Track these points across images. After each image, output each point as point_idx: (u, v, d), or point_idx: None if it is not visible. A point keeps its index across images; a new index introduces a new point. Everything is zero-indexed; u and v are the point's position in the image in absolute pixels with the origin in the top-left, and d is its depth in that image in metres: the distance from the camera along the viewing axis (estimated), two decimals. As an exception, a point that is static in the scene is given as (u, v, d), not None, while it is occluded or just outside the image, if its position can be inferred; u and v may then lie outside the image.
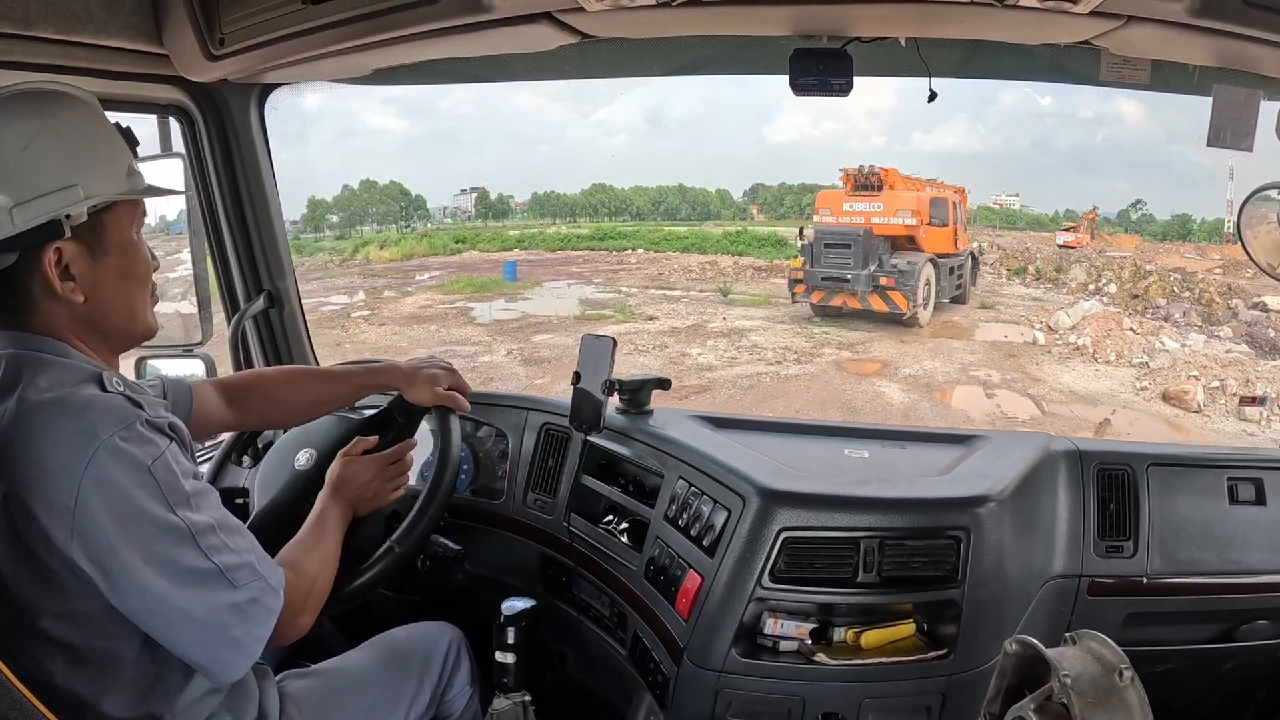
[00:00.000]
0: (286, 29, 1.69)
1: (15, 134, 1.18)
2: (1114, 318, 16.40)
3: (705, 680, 1.64)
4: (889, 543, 1.62)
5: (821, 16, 1.61)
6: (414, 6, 1.55)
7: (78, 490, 1.09)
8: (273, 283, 2.40)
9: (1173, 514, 1.86)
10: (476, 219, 34.04)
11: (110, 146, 1.26)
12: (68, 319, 1.22)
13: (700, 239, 28.34)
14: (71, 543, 1.10)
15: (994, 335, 16.38)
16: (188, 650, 1.19)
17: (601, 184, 36.55)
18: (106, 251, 1.24)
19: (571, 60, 2.01)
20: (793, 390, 13.29)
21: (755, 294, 21.06)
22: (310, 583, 1.38)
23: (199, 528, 1.16)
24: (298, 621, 1.33)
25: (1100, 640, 0.93)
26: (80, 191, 1.19)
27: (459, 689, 1.74)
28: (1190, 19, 1.29)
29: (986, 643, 1.62)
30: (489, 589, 2.10)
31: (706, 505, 1.72)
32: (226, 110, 2.20)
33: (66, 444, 1.10)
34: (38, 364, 1.17)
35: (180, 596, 1.15)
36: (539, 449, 2.13)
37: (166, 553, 1.14)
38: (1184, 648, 1.86)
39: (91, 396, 1.15)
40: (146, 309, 1.32)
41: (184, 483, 1.17)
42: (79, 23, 1.63)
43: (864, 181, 16.88)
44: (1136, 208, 31.23)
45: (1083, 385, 13.77)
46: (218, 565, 1.17)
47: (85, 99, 1.26)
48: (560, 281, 23.01)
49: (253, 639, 1.20)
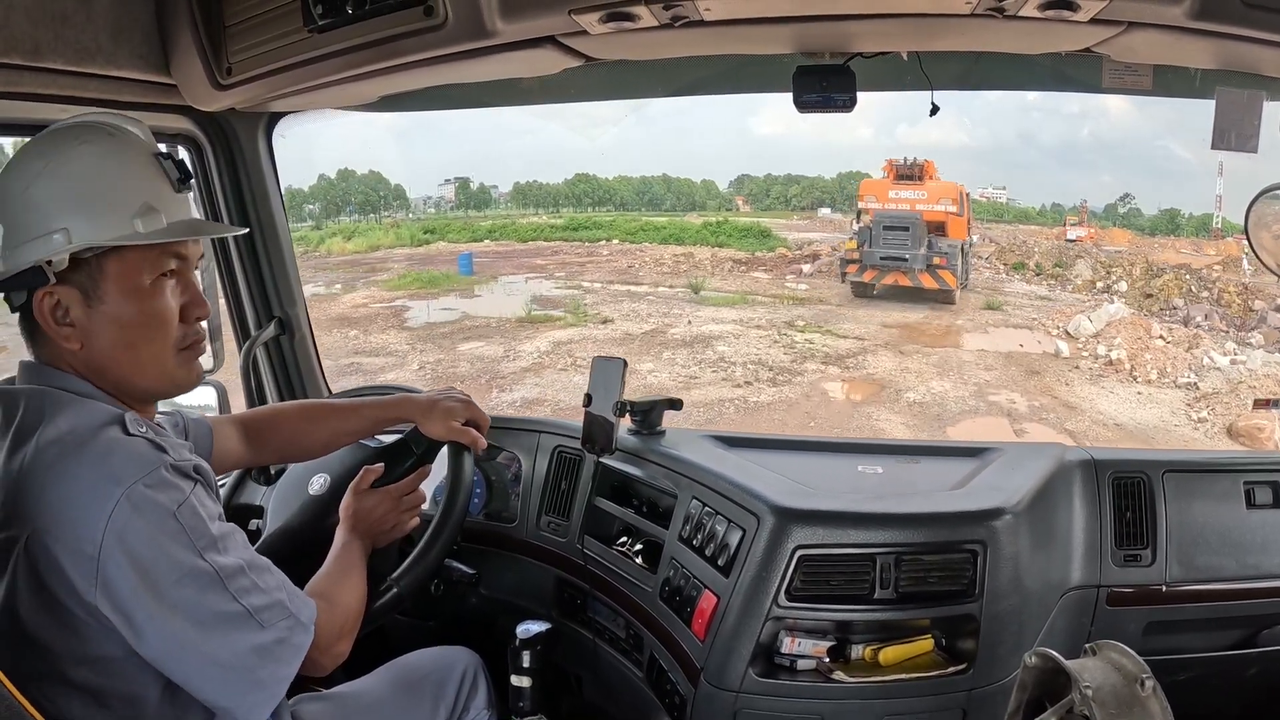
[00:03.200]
0: (293, 58, 1.70)
1: (20, 173, 1.18)
2: (1143, 324, 14.96)
3: (723, 701, 1.63)
4: (905, 558, 1.61)
5: (823, 34, 1.61)
6: (419, 34, 1.56)
7: (101, 539, 1.07)
8: (283, 309, 2.41)
9: (1190, 520, 1.84)
10: (458, 209, 33.94)
11: (121, 187, 1.20)
12: (79, 363, 1.20)
13: (679, 230, 27.80)
14: (95, 591, 1.08)
15: (1007, 343, 14.77)
16: (212, 695, 1.17)
17: (585, 174, 36.58)
18: (102, 300, 1.19)
19: (576, 83, 2.01)
20: (762, 426, 10.79)
21: (731, 291, 19.48)
22: (344, 610, 1.38)
23: (227, 571, 1.14)
24: (334, 649, 1.33)
25: (1121, 650, 0.93)
26: (63, 238, 1.15)
27: (476, 713, 1.73)
28: (1190, 22, 1.29)
29: (1006, 656, 1.61)
30: (504, 613, 2.09)
31: (721, 525, 1.72)
32: (235, 139, 2.21)
33: (89, 491, 1.08)
34: (59, 402, 1.16)
35: (207, 642, 1.13)
36: (551, 472, 2.13)
37: (193, 598, 1.12)
38: (1206, 655, 1.85)
39: (113, 440, 1.13)
40: (164, 361, 1.25)
41: (210, 526, 1.15)
42: (88, 54, 1.65)
43: (906, 172, 18.55)
44: (1125, 202, 31.24)
45: (1127, 414, 11.69)
46: (246, 607, 1.15)
47: (98, 141, 1.22)
48: (519, 276, 21.70)
49: (277, 680, 1.19)
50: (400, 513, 1.64)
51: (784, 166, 42.90)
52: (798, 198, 38.04)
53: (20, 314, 1.20)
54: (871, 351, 14.17)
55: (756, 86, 2.22)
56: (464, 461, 1.72)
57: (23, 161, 1.19)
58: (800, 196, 37.96)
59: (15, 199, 1.17)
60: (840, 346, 14.40)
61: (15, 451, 1.13)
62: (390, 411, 1.74)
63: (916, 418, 11.42)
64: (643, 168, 39.07)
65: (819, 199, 37.51)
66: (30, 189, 1.17)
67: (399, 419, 1.74)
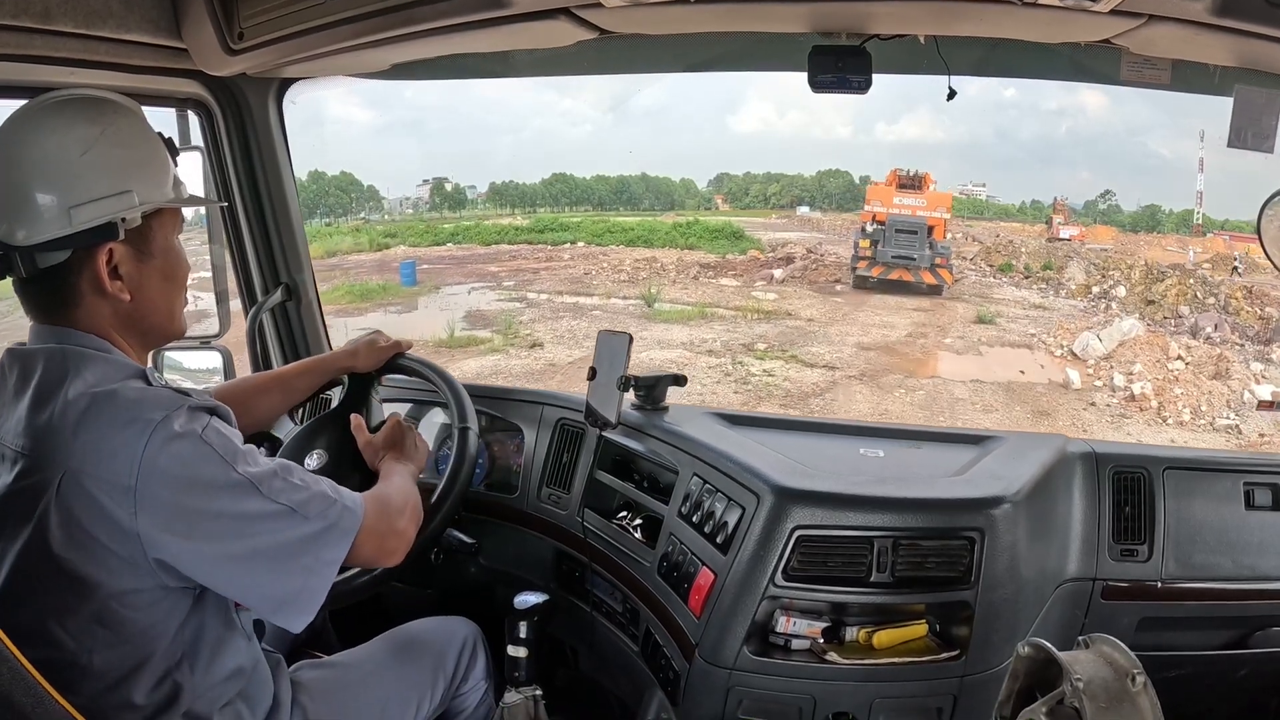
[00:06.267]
0: (305, 23, 1.70)
1: (75, 138, 1.23)
2: (1159, 342, 13.17)
3: (717, 677, 1.65)
4: (903, 543, 1.61)
5: (840, 14, 1.60)
6: (433, 2, 1.56)
7: (138, 469, 1.14)
8: (290, 276, 2.42)
9: (1188, 518, 1.84)
10: (432, 210, 33.79)
11: (159, 156, 1.33)
12: (111, 316, 1.27)
13: (648, 231, 27.25)
14: (136, 519, 1.14)
15: (1005, 368, 12.85)
16: (263, 592, 1.24)
17: (562, 173, 36.48)
18: (153, 255, 1.30)
19: (589, 56, 2.00)
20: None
21: (690, 303, 18.05)
22: (398, 496, 1.45)
23: (260, 477, 1.22)
24: (395, 526, 1.39)
25: (1113, 644, 0.93)
26: (135, 197, 1.26)
27: (474, 683, 1.75)
28: (1211, 18, 1.28)
29: (999, 645, 1.61)
30: (503, 583, 2.11)
31: (720, 502, 1.72)
32: (245, 104, 2.21)
33: (122, 430, 1.15)
34: (82, 359, 1.22)
35: (249, 542, 1.20)
36: (554, 444, 2.14)
37: (233, 507, 1.19)
38: (1197, 654, 1.85)
39: (141, 389, 1.21)
40: (182, 310, 1.39)
41: (236, 442, 1.23)
42: (98, 17, 1.64)
43: (909, 182, 21.15)
44: (1105, 198, 31.20)
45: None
46: (286, 504, 1.22)
47: (134, 109, 1.32)
48: (464, 285, 20.85)
49: (323, 564, 1.25)
50: (414, 432, 1.73)
51: (763, 164, 42.92)
52: (777, 196, 38.19)
53: (41, 277, 1.24)
54: (843, 386, 12.44)
55: (771, 65, 2.20)
56: (412, 363, 1.91)
57: (74, 127, 1.23)
58: (780, 195, 38.11)
59: (71, 161, 1.22)
60: (805, 381, 12.52)
61: (41, 405, 1.19)
62: (324, 365, 1.91)
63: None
64: (621, 166, 38.95)
65: (798, 197, 37.65)
66: (90, 152, 1.23)
67: (333, 370, 1.90)
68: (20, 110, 1.26)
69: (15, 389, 1.23)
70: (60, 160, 1.22)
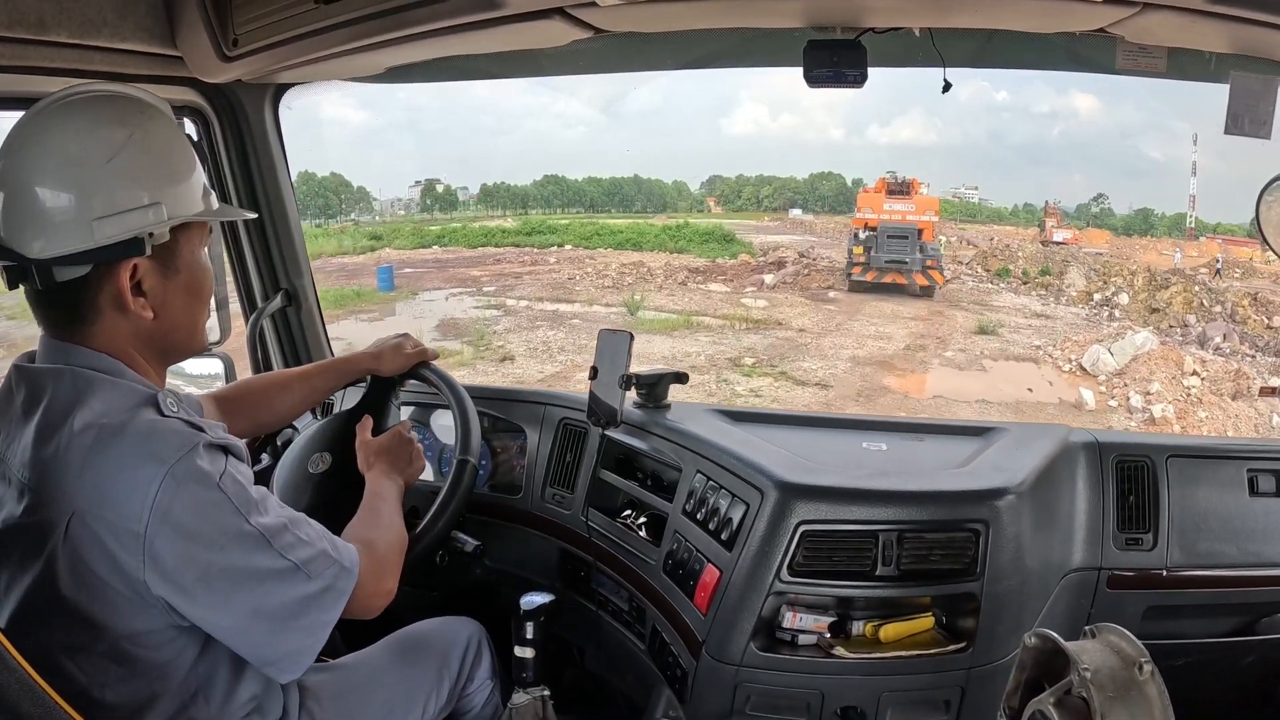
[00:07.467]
0: (299, 29, 1.70)
1: (99, 142, 1.15)
2: (1174, 356, 12.56)
3: (724, 674, 1.65)
4: (908, 536, 1.61)
5: (834, 8, 1.60)
6: (427, 4, 1.55)
7: (148, 516, 1.09)
8: (290, 281, 2.42)
9: (1193, 506, 1.85)
10: (424, 211, 33.74)
11: (189, 163, 1.25)
12: (130, 334, 1.21)
13: (637, 234, 26.94)
14: (144, 566, 1.10)
15: (1012, 385, 12.18)
16: (256, 649, 1.20)
17: (554, 175, 36.46)
18: (178, 270, 1.23)
19: (584, 55, 2.00)
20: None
21: (676, 310, 17.62)
22: (385, 548, 1.43)
23: (271, 530, 1.17)
24: (383, 587, 1.38)
25: (1120, 633, 0.93)
26: (164, 211, 1.18)
27: (480, 683, 1.75)
28: (1207, 5, 1.27)
29: (1005, 636, 1.61)
30: (508, 584, 2.11)
31: (724, 499, 1.72)
32: (241, 110, 2.21)
33: (131, 471, 1.10)
34: (91, 384, 1.15)
35: (256, 599, 1.16)
36: (557, 444, 2.14)
37: (242, 561, 1.15)
38: (1204, 641, 1.85)
39: (151, 422, 1.14)
40: (204, 325, 1.33)
41: (250, 490, 1.18)
42: (93, 27, 1.64)
43: (897, 188, 21.92)
44: (1098, 201, 31.26)
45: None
46: (293, 561, 1.18)
47: (164, 110, 1.24)
48: (441, 291, 20.10)
49: (319, 626, 1.22)
50: (414, 445, 1.72)
51: (756, 166, 43.05)
52: (769, 198, 38.27)
53: (58, 290, 1.16)
54: (836, 410, 11.14)
55: (766, 61, 2.19)
56: (457, 389, 1.87)
57: (99, 129, 1.15)
58: (772, 197, 38.19)
59: (95, 167, 1.14)
60: (795, 402, 11.97)
61: (47, 436, 1.13)
62: (349, 366, 1.89)
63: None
64: (613, 168, 38.98)
65: (791, 199, 37.67)
66: (116, 159, 1.15)
67: (356, 371, 1.89)
68: (40, 106, 1.17)
69: (23, 409, 1.17)
70: (83, 166, 1.13)
